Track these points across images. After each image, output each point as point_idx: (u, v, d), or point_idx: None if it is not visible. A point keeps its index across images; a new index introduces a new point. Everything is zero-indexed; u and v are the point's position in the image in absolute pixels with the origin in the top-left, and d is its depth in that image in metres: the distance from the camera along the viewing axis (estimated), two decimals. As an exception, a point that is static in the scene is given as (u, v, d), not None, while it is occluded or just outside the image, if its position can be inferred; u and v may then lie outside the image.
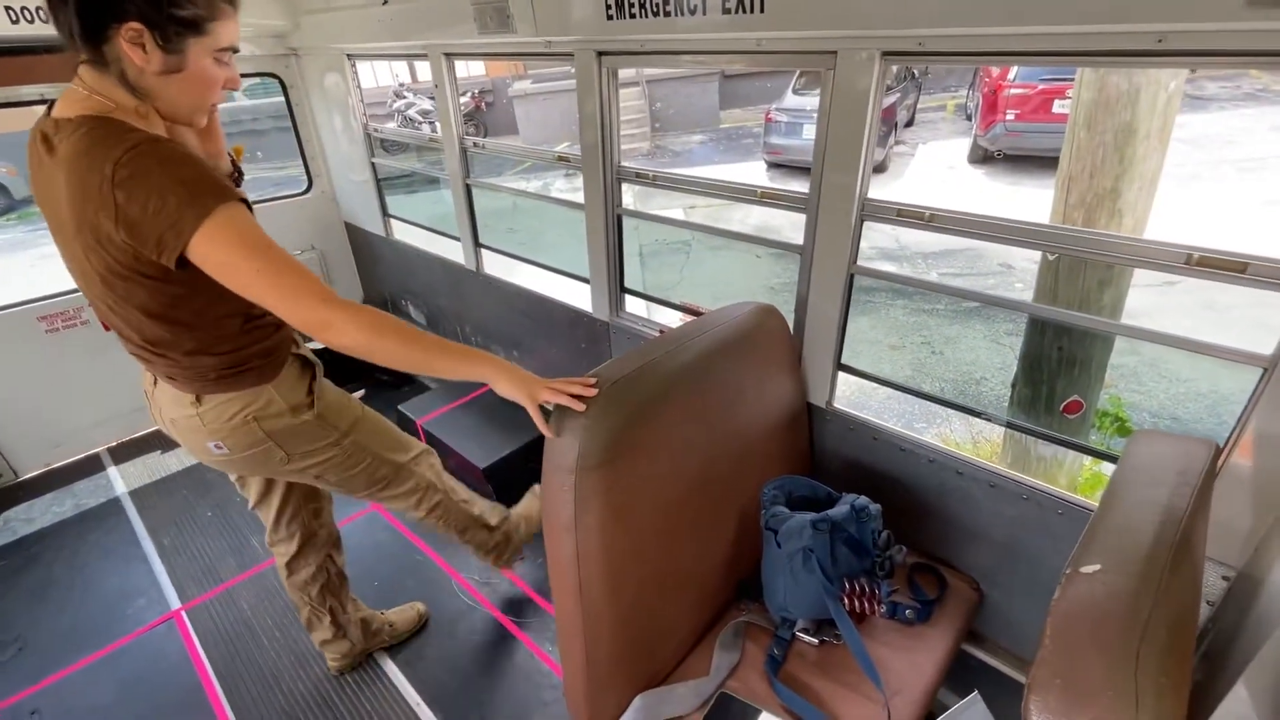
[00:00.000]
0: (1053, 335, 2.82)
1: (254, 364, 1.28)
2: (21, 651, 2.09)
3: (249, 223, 1.05)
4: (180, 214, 0.98)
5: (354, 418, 1.48)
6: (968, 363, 5.10)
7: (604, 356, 2.34)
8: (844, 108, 1.36)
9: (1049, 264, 2.75)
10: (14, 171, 9.79)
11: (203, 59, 1.06)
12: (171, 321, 1.16)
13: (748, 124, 13.35)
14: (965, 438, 4.18)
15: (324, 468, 1.45)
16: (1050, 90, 8.66)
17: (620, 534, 1.18)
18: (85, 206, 1.01)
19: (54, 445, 2.97)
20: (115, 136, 1.00)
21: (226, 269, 1.03)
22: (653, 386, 1.22)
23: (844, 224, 1.46)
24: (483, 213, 2.71)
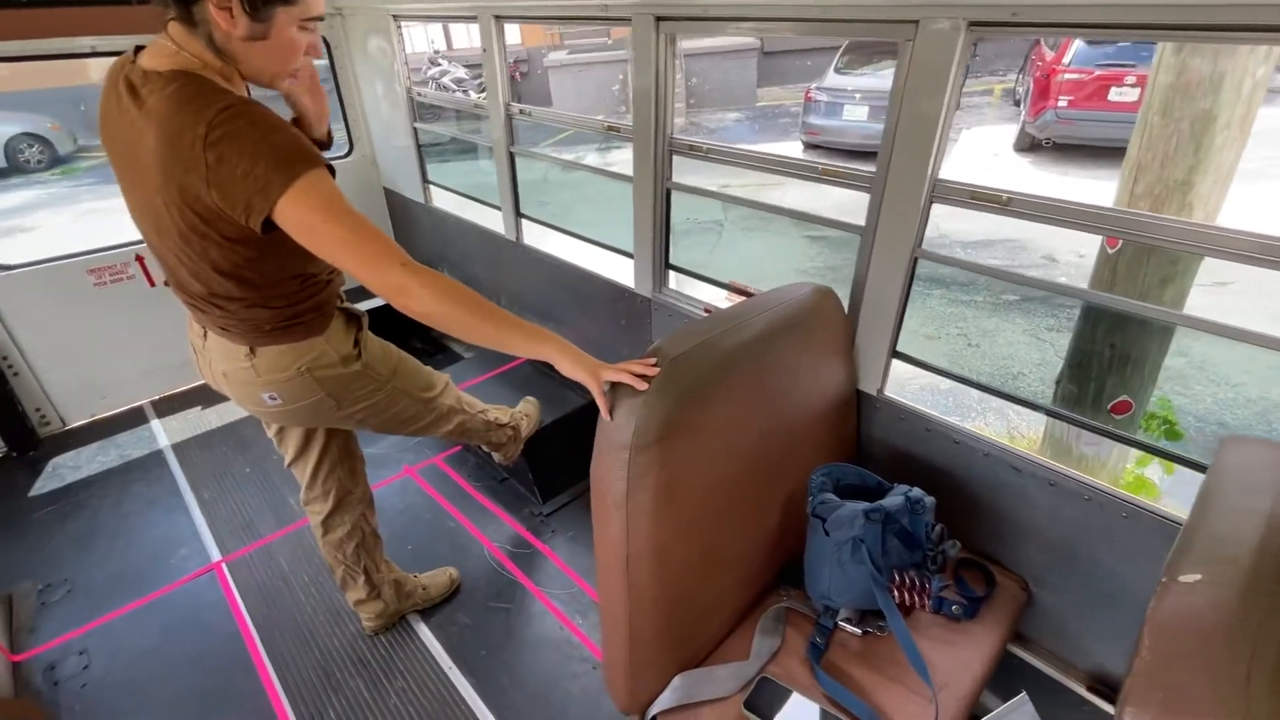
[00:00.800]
0: (1105, 331, 2.71)
1: (306, 318, 1.32)
2: (70, 594, 2.16)
3: (333, 189, 1.07)
4: (269, 178, 1.00)
5: (394, 364, 1.54)
6: (1004, 357, 4.98)
7: (644, 333, 2.31)
8: (921, 82, 1.29)
9: (1107, 258, 2.64)
10: (58, 127, 9.96)
11: (288, 28, 1.07)
12: (239, 279, 1.20)
13: (785, 103, 13.03)
14: (1000, 431, 4.10)
15: (368, 412, 1.51)
16: (1108, 76, 8.30)
17: (670, 512, 1.16)
18: (175, 164, 1.03)
19: (100, 397, 3.05)
20: (207, 96, 1.02)
21: (310, 233, 1.05)
22: (711, 365, 1.19)
23: (912, 205, 1.40)
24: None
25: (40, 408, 2.90)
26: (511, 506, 2.48)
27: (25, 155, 9.59)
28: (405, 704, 1.78)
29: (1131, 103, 8.21)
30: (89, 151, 10.82)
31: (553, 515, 2.43)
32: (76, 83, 11.44)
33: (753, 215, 7.81)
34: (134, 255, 2.92)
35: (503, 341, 1.12)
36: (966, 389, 4.52)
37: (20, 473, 2.74)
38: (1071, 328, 5.56)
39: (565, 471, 2.55)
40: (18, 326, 2.74)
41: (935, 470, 1.57)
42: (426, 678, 1.85)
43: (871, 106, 9.32)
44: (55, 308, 2.81)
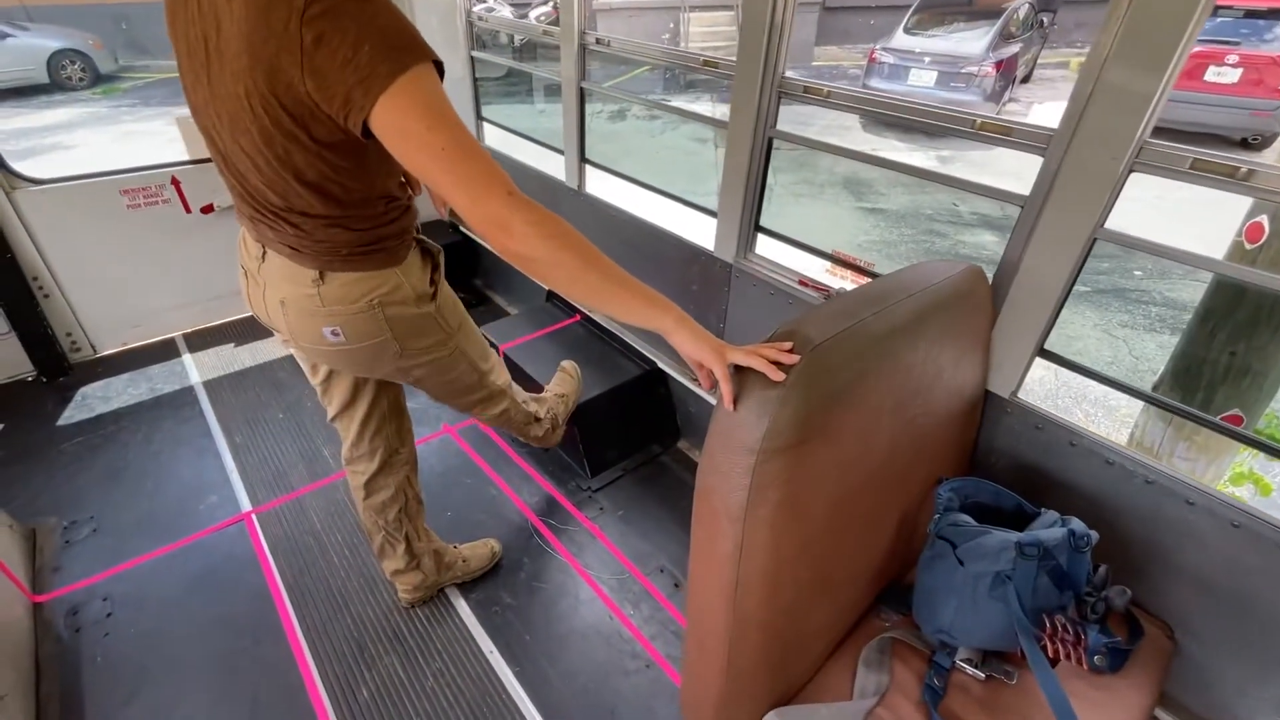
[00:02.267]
0: (1227, 337, 2.41)
1: (388, 244, 1.16)
2: (95, 533, 2.06)
3: (441, 91, 0.90)
4: (373, 68, 0.84)
5: (460, 318, 1.40)
6: (1074, 352, 4.67)
7: (719, 302, 2.08)
8: (1148, 19, 1.01)
9: (1244, 253, 2.32)
10: (100, 45, 9.77)
11: None
12: (322, 192, 1.03)
13: (843, 63, 12.33)
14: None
15: (430, 370, 1.36)
16: (1206, 54, 7.61)
17: (793, 527, 0.96)
18: (265, 43, 0.85)
19: (132, 325, 2.92)
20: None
21: (408, 140, 0.88)
22: (856, 355, 0.97)
23: (1105, 171, 1.13)
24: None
25: (71, 332, 2.78)
26: (557, 477, 2.31)
27: (67, 72, 9.41)
28: (443, 687, 1.65)
29: (1231, 84, 7.55)
30: (130, 71, 10.64)
31: (600, 491, 2.25)
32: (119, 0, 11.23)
33: (802, 180, 7.40)
34: (169, 177, 2.74)
35: (612, 301, 0.91)
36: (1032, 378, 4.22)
37: (50, 399, 2.63)
38: (1148, 327, 5.17)
39: (616, 444, 2.36)
40: (49, 246, 2.59)
41: (1075, 493, 1.34)
42: (466, 660, 1.71)
43: (940, 72, 8.71)
44: (86, 228, 2.65)
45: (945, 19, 9.39)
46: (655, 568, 1.97)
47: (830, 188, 7.27)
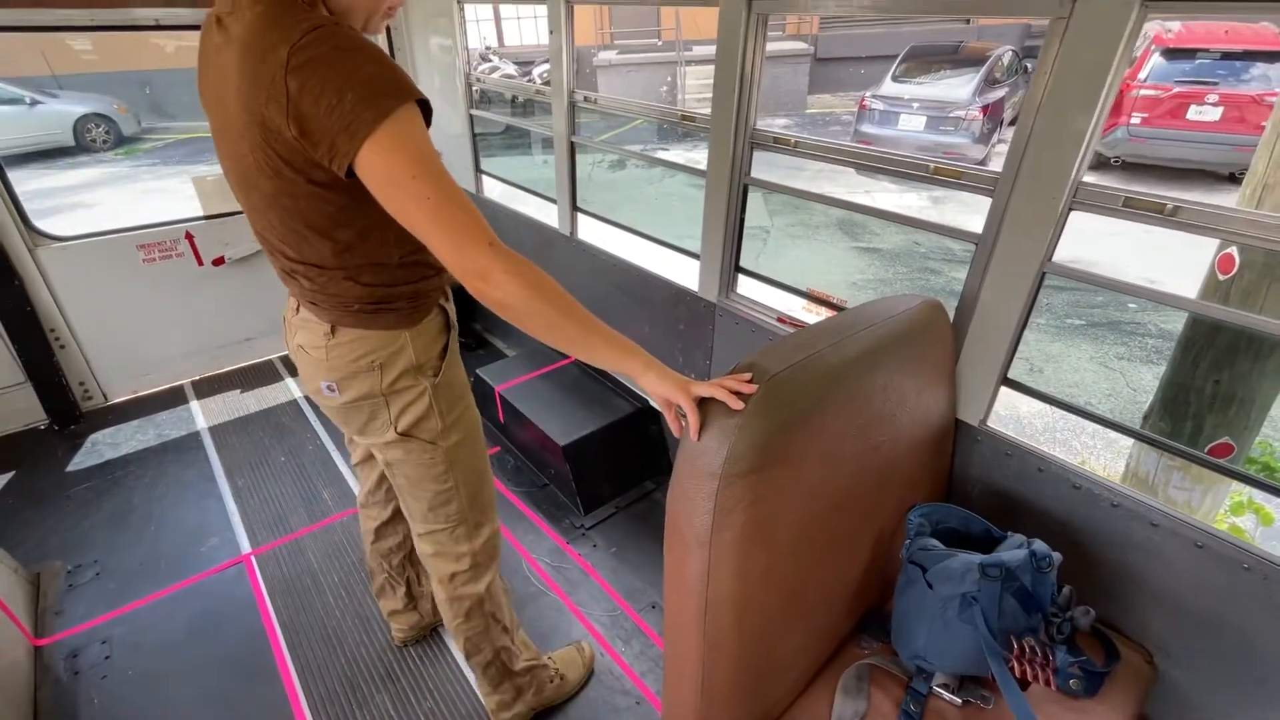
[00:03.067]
0: (1209, 366, 2.45)
1: (399, 305, 1.15)
2: (98, 577, 2.10)
3: (423, 135, 0.91)
4: (357, 114, 0.85)
5: (463, 421, 1.30)
6: (1071, 385, 4.69)
7: (705, 340, 2.15)
8: (1074, 68, 1.11)
9: (1218, 284, 2.38)
10: (125, 109, 10.26)
11: None
12: (333, 239, 1.03)
13: (835, 110, 12.74)
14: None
15: (403, 455, 1.26)
16: (1187, 94, 7.86)
17: (757, 552, 1.00)
18: (256, 96, 0.88)
19: (142, 374, 3.02)
20: (294, 16, 0.87)
21: (391, 186, 0.89)
22: (815, 383, 1.03)
23: (1047, 211, 1.21)
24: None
25: (84, 381, 2.88)
26: (551, 516, 2.34)
27: (92, 135, 9.88)
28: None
29: (1212, 123, 7.77)
30: (152, 133, 11.14)
31: (594, 528, 2.28)
32: (144, 66, 11.83)
33: (798, 223, 7.58)
34: (184, 232, 2.88)
35: (586, 348, 0.96)
36: (1026, 411, 4.24)
37: (60, 446, 2.71)
38: (1144, 358, 5.20)
39: (610, 481, 2.40)
40: (67, 299, 2.71)
41: (1047, 517, 1.38)
42: (457, 699, 1.72)
43: (929, 117, 9.01)
44: (104, 282, 2.78)
45: (931, 67, 9.76)
46: (647, 604, 1.98)
47: (825, 229, 7.43)
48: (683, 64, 12.22)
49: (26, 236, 2.57)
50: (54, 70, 11.00)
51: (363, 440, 1.29)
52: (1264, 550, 1.13)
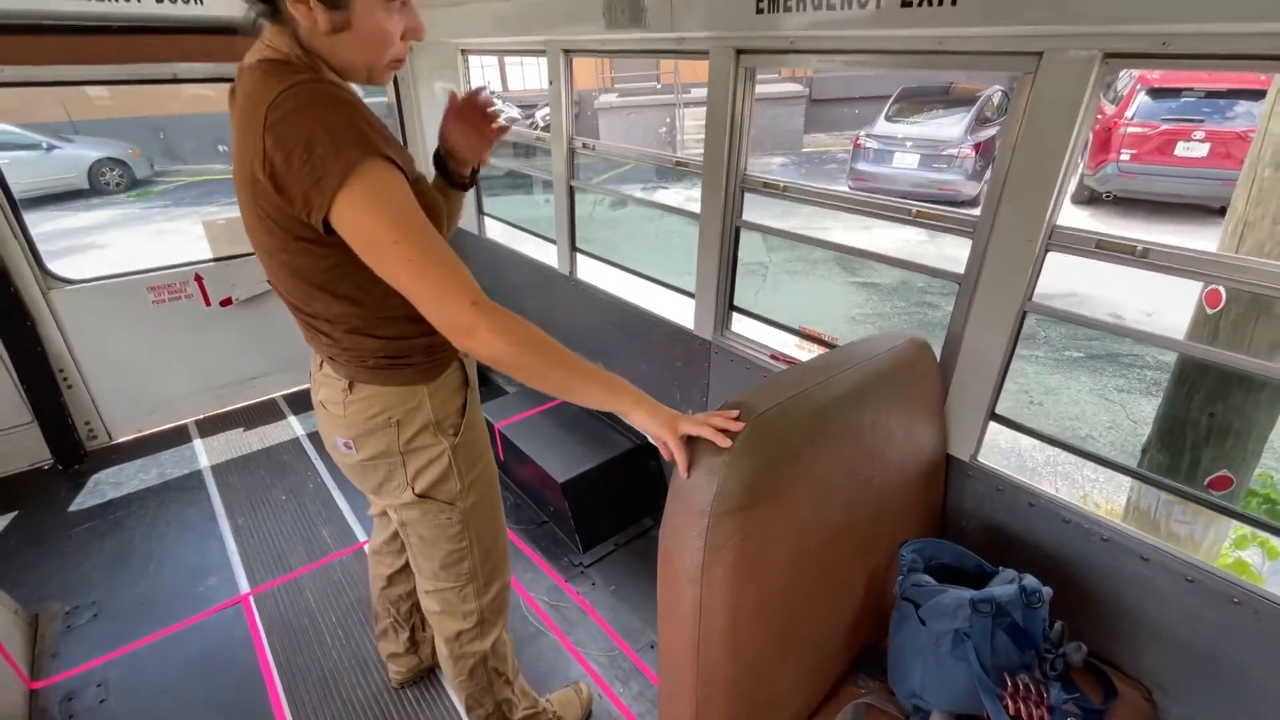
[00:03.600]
0: (1204, 399, 2.47)
1: (415, 359, 1.14)
2: (96, 618, 2.09)
3: (401, 192, 0.91)
4: (325, 167, 0.86)
5: (481, 480, 1.30)
6: (1070, 417, 4.69)
7: (701, 377, 2.18)
8: (1042, 119, 1.17)
9: (1206, 317, 2.42)
10: (138, 153, 10.55)
11: (374, 12, 0.93)
12: (335, 294, 1.04)
13: (832, 149, 13.05)
14: (1070, 497, 3.80)
15: (420, 516, 1.26)
16: (1174, 131, 8.05)
17: (749, 588, 1.02)
18: (245, 154, 0.91)
19: (147, 413, 3.05)
20: (281, 77, 0.90)
21: (375, 248, 0.90)
22: (802, 422, 1.06)
23: (1024, 254, 1.26)
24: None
25: (90, 421, 2.92)
26: (550, 553, 2.34)
27: (106, 178, 10.14)
28: (429, 771, 1.63)
29: (1199, 158, 7.94)
30: (164, 176, 11.43)
31: (593, 566, 2.28)
32: (160, 112, 12.23)
33: (797, 259, 7.70)
34: (193, 274, 2.96)
35: (574, 391, 0.98)
36: (1027, 444, 4.23)
37: (63, 486, 2.73)
38: (1144, 390, 5.21)
39: (608, 518, 2.41)
40: (77, 340, 2.77)
41: (1039, 552, 1.38)
42: (453, 742, 1.70)
43: (923, 155, 9.23)
44: (113, 323, 2.84)
45: (924, 107, 10.03)
46: (646, 643, 1.97)
47: (824, 264, 7.54)
48: (681, 106, 12.58)
49: (40, 279, 2.64)
50: (71, 116, 11.38)
51: (378, 500, 1.28)
52: (1253, 585, 1.14)
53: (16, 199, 2.54)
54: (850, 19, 1.34)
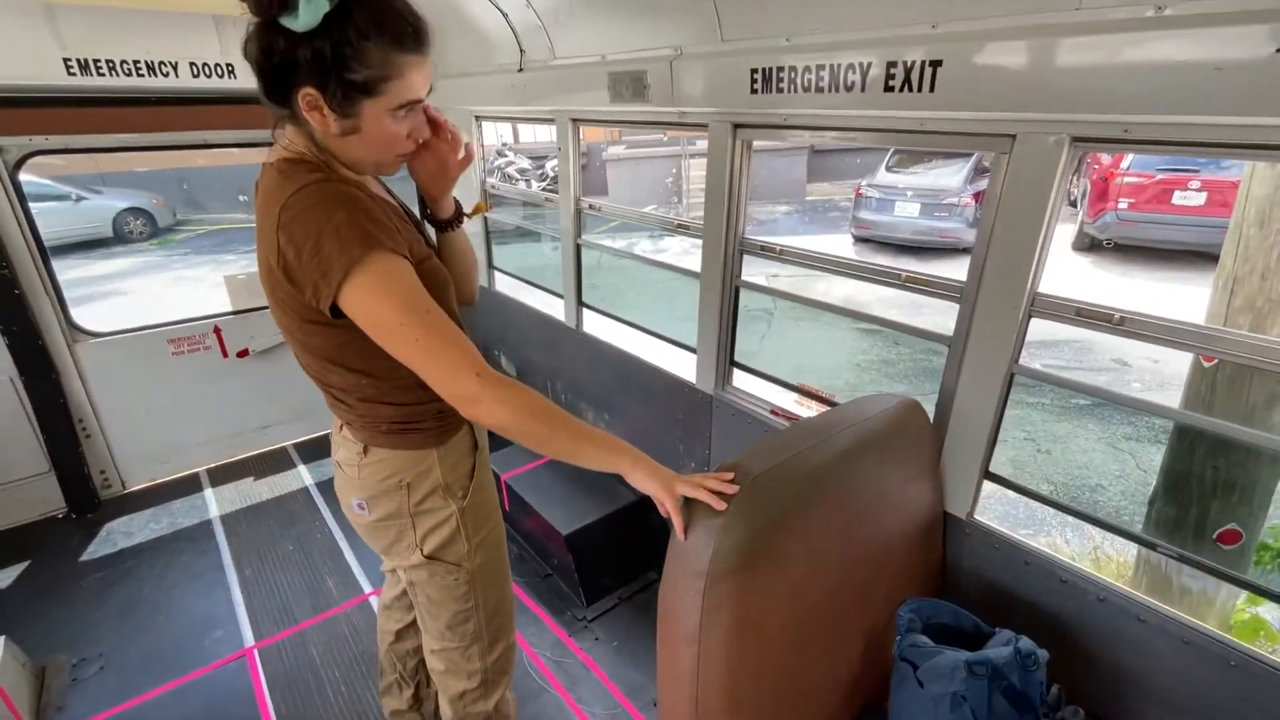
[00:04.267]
0: (1206, 452, 2.47)
1: (426, 424, 1.20)
2: (102, 670, 2.10)
3: (403, 278, 0.99)
4: (330, 263, 0.94)
5: (488, 542, 1.34)
6: (1079, 466, 4.66)
7: (703, 430, 2.22)
8: (1019, 194, 1.24)
9: (1203, 371, 2.45)
10: (161, 203, 10.95)
11: (381, 119, 1.01)
12: (348, 367, 1.12)
13: (834, 198, 13.34)
14: (1082, 551, 3.75)
15: (428, 577, 1.29)
16: (1170, 181, 8.20)
17: (747, 649, 1.04)
18: (263, 248, 1.01)
19: (161, 462, 3.11)
20: (294, 178, 0.99)
21: (383, 330, 0.98)
22: (794, 484, 1.10)
23: (1008, 319, 1.31)
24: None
25: (105, 470, 2.97)
26: (553, 607, 2.34)
27: (130, 227, 10.51)
28: (428, 835, 1.61)
29: (1197, 206, 8.07)
30: (186, 225, 11.81)
31: (596, 620, 2.28)
32: (185, 164, 12.73)
33: (802, 305, 7.80)
34: (212, 327, 3.06)
35: (577, 455, 1.03)
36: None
37: (76, 535, 2.76)
38: (1153, 439, 5.18)
39: (612, 571, 2.41)
40: (98, 391, 2.85)
41: (1038, 612, 1.39)
42: (453, 804, 1.67)
43: (924, 204, 9.42)
44: (134, 374, 2.93)
45: (924, 157, 10.29)
46: (648, 700, 1.96)
47: (828, 311, 7.63)
48: (686, 158, 12.97)
49: (67, 332, 2.74)
50: (100, 169, 11.86)
51: (388, 560, 1.32)
52: (1249, 648, 1.15)
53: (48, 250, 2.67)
54: (837, 100, 1.44)
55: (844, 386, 5.82)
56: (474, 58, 2.73)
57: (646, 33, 1.89)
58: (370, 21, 0.94)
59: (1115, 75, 1.04)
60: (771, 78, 1.55)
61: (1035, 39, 1.12)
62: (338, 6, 0.91)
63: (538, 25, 2.25)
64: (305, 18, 0.90)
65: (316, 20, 0.90)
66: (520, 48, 2.44)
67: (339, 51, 0.93)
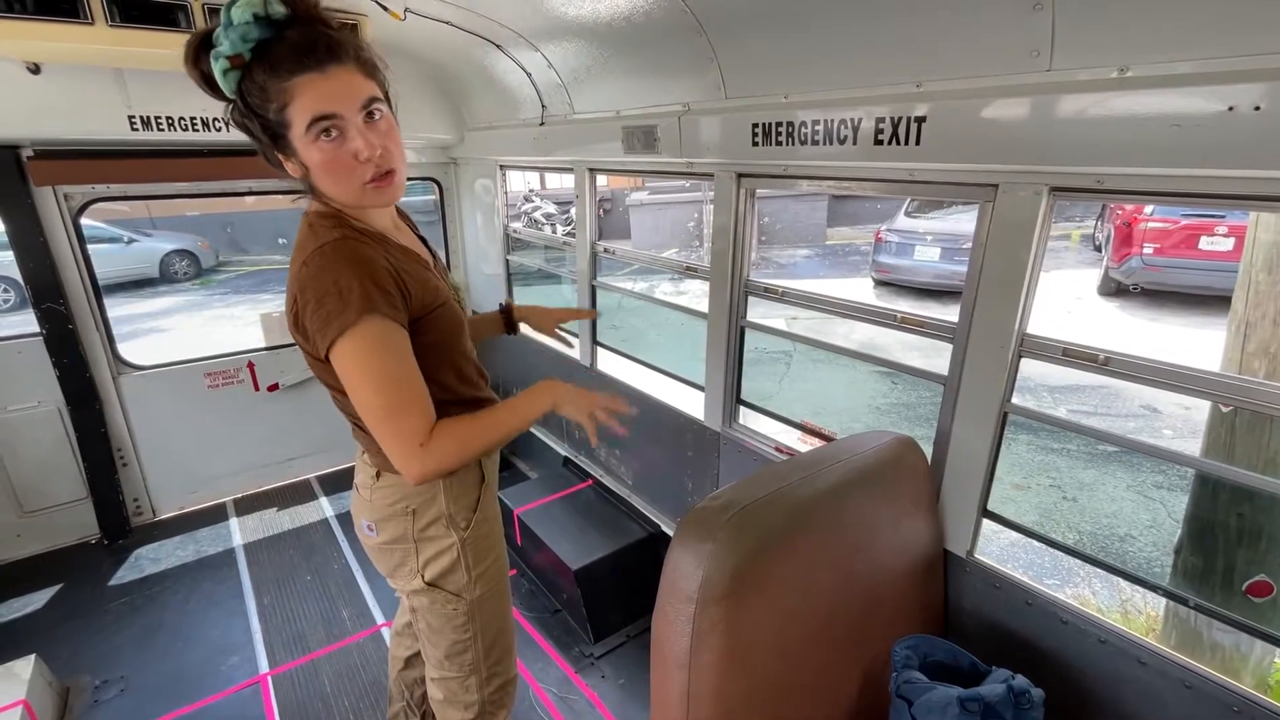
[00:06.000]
0: (1229, 498, 2.42)
1: None
2: (123, 693, 2.16)
3: (381, 347, 1.06)
4: (327, 321, 1.03)
5: (489, 575, 1.38)
6: (1108, 514, 4.52)
7: (711, 467, 2.26)
8: (1003, 240, 1.30)
9: (1223, 416, 2.42)
10: (207, 245, 11.53)
11: (309, 149, 1.03)
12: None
13: (855, 242, 13.46)
14: (1110, 603, 3.62)
15: (430, 604, 1.34)
16: (1195, 226, 8.13)
17: (737, 678, 1.06)
18: (288, 295, 1.11)
19: (191, 491, 3.23)
20: (316, 234, 1.09)
21: (353, 391, 1.08)
22: (785, 515, 1.14)
23: (998, 359, 1.35)
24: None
25: (138, 498, 3.10)
26: (561, 643, 2.35)
27: (175, 268, 11.07)
28: None
29: (1226, 251, 7.96)
30: (227, 266, 12.38)
31: (603, 658, 2.28)
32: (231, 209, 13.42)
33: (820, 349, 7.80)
34: (246, 361, 3.21)
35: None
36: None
37: (106, 560, 2.87)
38: (1185, 487, 5.04)
39: (620, 608, 2.42)
40: (136, 420, 3.00)
41: (1039, 653, 1.38)
42: (454, 838, 1.67)
43: (944, 248, 9.46)
44: (171, 406, 3.08)
45: (943, 202, 10.38)
46: (653, 740, 1.94)
47: (826, 350, 7.62)
48: (707, 203, 13.27)
49: (113, 365, 2.91)
50: (151, 214, 12.57)
51: (392, 584, 1.38)
52: (1253, 693, 1.13)
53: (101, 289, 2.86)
54: (832, 152, 1.53)
55: (863, 429, 5.79)
56: (500, 112, 2.91)
57: (657, 91, 2.03)
58: (263, 65, 0.99)
59: (1087, 130, 1.11)
60: (771, 132, 1.66)
61: (1012, 98, 1.20)
62: (246, 65, 1.00)
63: (558, 84, 2.42)
64: (225, 86, 1.02)
65: (233, 84, 1.02)
66: (542, 104, 2.61)
67: (248, 103, 1.03)
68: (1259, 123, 0.92)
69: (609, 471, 2.86)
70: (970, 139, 1.27)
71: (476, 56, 2.58)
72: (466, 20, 2.28)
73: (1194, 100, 0.98)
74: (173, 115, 2.61)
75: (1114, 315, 8.27)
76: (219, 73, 1.00)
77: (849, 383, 6.90)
